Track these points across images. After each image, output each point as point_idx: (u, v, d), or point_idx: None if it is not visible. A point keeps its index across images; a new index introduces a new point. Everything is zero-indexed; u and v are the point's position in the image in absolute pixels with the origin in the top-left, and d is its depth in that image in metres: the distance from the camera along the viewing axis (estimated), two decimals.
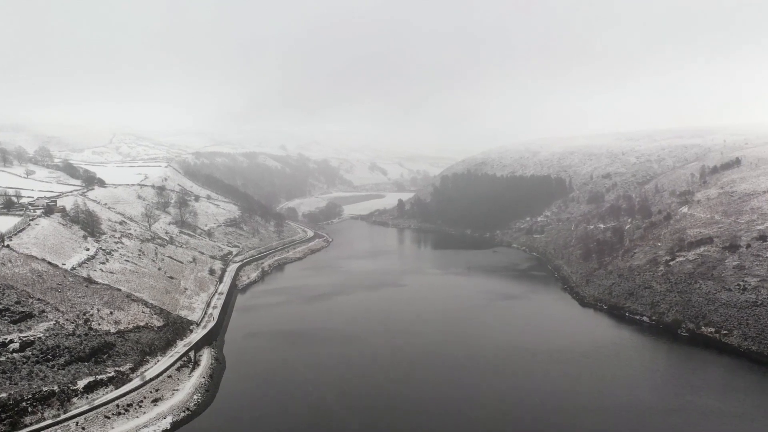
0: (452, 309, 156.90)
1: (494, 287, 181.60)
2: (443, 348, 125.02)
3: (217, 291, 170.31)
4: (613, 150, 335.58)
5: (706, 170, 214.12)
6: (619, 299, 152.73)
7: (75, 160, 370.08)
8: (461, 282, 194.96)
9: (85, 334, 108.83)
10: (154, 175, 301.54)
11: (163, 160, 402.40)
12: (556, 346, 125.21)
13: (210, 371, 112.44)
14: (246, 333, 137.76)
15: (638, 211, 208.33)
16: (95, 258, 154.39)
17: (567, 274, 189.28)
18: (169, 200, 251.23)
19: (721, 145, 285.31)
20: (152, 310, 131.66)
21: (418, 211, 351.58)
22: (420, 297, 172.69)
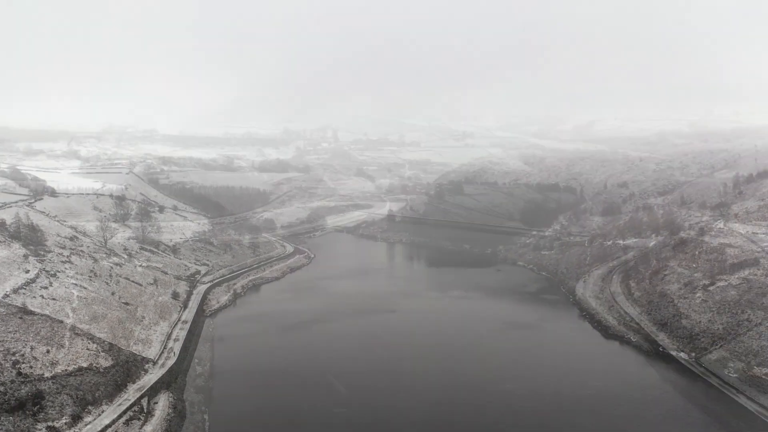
0: (455, 342, 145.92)
1: (501, 313, 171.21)
2: (447, 396, 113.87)
3: (181, 319, 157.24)
4: (629, 155, 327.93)
5: (740, 179, 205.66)
6: (650, 330, 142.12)
7: (25, 166, 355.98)
8: (463, 307, 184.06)
9: (11, 380, 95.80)
10: (114, 182, 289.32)
11: (125, 166, 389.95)
12: (583, 389, 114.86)
13: (166, 424, 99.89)
14: (213, 372, 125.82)
15: (663, 226, 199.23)
16: (35, 282, 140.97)
17: (584, 298, 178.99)
18: (130, 212, 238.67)
19: (753, 150, 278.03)
20: (100, 346, 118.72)
21: (410, 222, 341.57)
22: (416, 325, 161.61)
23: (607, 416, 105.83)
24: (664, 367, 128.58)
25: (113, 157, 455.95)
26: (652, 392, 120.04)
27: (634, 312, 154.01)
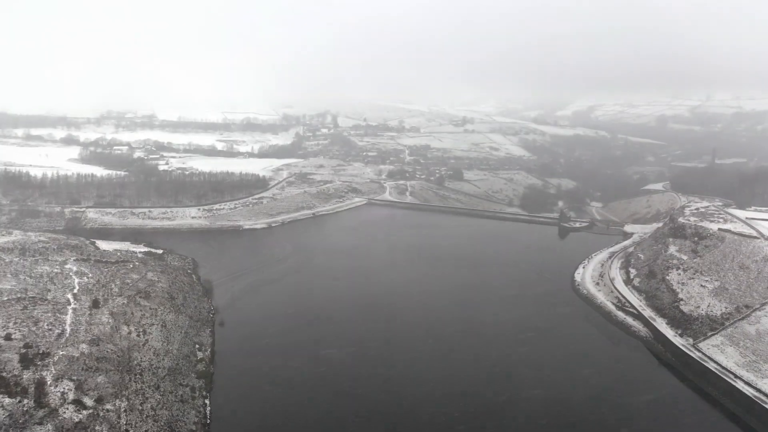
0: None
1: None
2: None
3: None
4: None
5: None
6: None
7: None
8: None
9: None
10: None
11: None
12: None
13: None
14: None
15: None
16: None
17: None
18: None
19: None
20: None
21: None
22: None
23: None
24: (661, 351, 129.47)
25: (112, 143, 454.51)
26: (647, 376, 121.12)
27: (633, 298, 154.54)
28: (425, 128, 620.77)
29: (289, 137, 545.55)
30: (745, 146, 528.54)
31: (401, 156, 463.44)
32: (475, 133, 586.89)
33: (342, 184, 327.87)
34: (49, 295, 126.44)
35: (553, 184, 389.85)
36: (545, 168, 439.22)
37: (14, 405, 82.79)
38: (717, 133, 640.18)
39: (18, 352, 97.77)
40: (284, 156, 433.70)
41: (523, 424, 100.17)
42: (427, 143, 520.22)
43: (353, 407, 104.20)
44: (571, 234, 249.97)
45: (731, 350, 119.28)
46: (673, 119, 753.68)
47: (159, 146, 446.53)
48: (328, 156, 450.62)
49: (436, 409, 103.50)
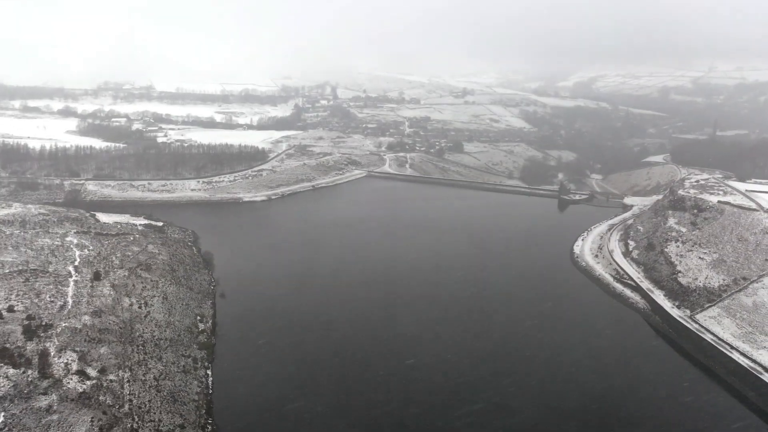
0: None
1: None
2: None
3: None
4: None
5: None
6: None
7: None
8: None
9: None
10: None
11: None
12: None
13: None
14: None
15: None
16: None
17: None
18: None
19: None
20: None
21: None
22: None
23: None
24: (658, 322, 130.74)
25: (110, 115, 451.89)
26: (644, 348, 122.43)
27: (631, 270, 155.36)
28: (425, 100, 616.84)
29: (288, 109, 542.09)
30: (746, 118, 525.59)
31: (401, 128, 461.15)
32: (476, 104, 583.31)
33: (341, 156, 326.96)
34: (51, 268, 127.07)
35: (553, 156, 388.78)
36: (545, 140, 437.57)
37: (19, 376, 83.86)
38: (719, 105, 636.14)
39: (21, 324, 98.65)
40: (283, 128, 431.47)
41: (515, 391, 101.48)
42: (427, 115, 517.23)
43: (355, 373, 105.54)
44: (570, 206, 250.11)
45: (728, 322, 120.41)
46: (675, 90, 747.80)
47: (157, 118, 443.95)
48: (327, 128, 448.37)
49: (435, 375, 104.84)
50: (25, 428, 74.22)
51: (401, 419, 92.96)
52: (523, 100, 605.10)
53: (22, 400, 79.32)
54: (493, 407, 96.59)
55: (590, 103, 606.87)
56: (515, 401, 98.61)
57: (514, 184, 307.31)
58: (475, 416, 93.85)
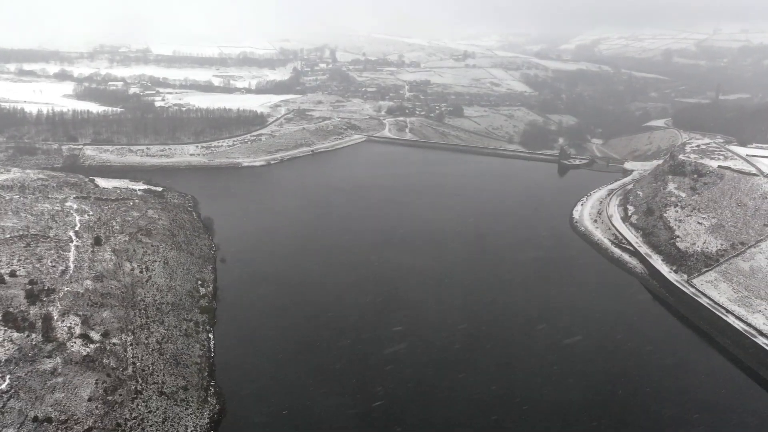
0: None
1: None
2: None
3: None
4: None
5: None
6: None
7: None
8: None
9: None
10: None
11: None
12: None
13: None
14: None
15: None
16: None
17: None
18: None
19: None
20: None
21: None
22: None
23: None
24: (655, 287, 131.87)
25: (107, 79, 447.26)
26: (641, 312, 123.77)
27: (630, 235, 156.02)
28: (425, 63, 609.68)
29: (287, 72, 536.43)
30: (750, 81, 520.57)
31: (401, 92, 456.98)
32: (476, 68, 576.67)
33: (341, 120, 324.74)
34: (51, 233, 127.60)
35: (554, 121, 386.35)
36: (546, 104, 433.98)
37: (23, 339, 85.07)
38: (722, 68, 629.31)
39: (23, 289, 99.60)
40: (282, 92, 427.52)
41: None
42: (428, 78, 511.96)
43: (355, 335, 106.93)
44: (570, 171, 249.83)
45: (724, 286, 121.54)
46: (678, 53, 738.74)
47: (154, 82, 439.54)
48: (326, 92, 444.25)
49: (435, 333, 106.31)
50: (31, 390, 75.63)
51: (401, 380, 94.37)
52: (524, 64, 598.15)
53: (27, 363, 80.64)
54: (496, 366, 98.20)
55: (592, 66, 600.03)
56: (518, 362, 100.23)
57: (514, 149, 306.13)
58: (479, 372, 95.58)
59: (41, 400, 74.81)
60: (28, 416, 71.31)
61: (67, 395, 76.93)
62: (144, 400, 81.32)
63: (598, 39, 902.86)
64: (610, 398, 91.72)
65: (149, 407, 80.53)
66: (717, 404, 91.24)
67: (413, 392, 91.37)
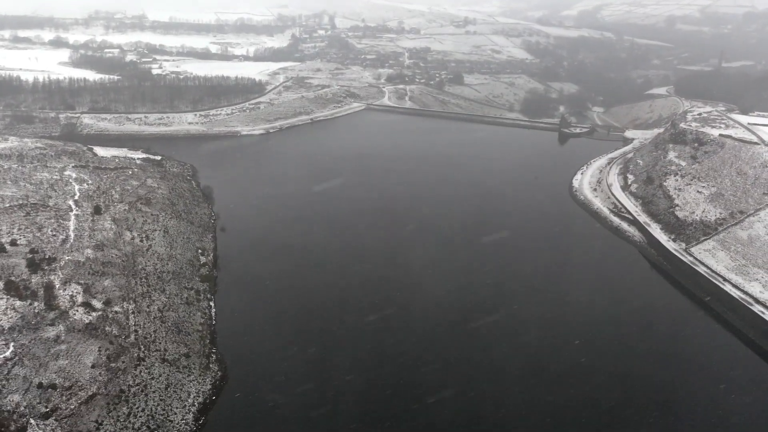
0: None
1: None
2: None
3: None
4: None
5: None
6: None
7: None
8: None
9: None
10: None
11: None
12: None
13: None
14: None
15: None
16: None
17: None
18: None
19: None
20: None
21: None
22: None
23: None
24: (653, 255, 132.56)
25: (103, 46, 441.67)
26: (638, 280, 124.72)
27: (629, 203, 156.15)
28: (425, 29, 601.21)
29: (285, 39, 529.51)
30: (754, 48, 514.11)
31: (400, 59, 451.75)
32: (477, 34, 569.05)
33: (340, 88, 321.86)
34: (51, 202, 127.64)
35: (554, 89, 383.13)
36: (547, 71, 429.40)
37: (25, 307, 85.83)
38: (726, 35, 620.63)
39: (24, 257, 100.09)
40: (280, 59, 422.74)
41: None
42: (428, 45, 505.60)
43: (356, 300, 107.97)
44: (571, 140, 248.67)
45: (722, 254, 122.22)
46: (681, 20, 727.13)
47: (151, 49, 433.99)
48: (325, 59, 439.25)
49: (436, 299, 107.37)
50: (35, 357, 76.62)
51: (403, 348, 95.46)
52: (525, 30, 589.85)
53: (31, 330, 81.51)
54: (499, 329, 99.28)
55: (594, 33, 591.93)
56: (522, 328, 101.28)
57: (514, 117, 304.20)
58: (484, 331, 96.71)
59: (45, 367, 75.83)
60: (33, 382, 72.37)
61: (70, 362, 77.98)
62: (147, 367, 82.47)
63: (600, 5, 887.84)
64: (605, 362, 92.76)
65: (152, 374, 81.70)
66: (712, 370, 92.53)
67: (417, 355, 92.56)
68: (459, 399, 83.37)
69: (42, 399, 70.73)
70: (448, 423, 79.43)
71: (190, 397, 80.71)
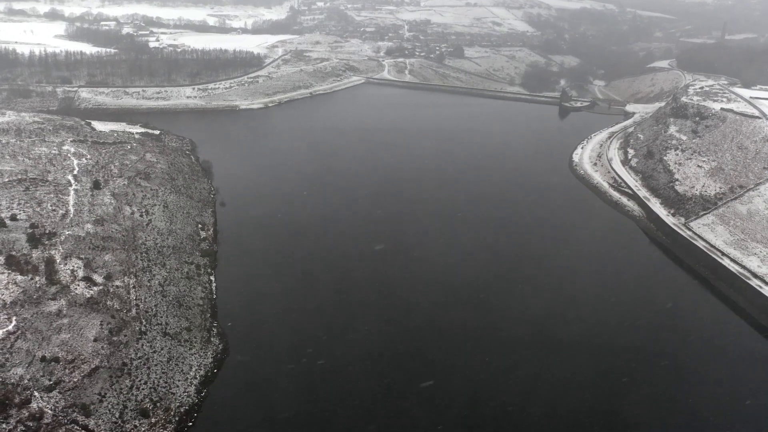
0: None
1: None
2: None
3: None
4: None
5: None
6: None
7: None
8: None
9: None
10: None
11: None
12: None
13: None
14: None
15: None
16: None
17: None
18: None
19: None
20: None
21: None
22: None
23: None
24: (652, 230, 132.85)
25: (99, 18, 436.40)
26: (637, 255, 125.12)
27: (629, 178, 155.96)
28: (426, 1, 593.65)
29: (284, 11, 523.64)
30: (758, 21, 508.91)
31: (400, 32, 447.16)
32: (478, 6, 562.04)
33: (339, 62, 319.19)
34: (50, 177, 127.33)
35: (556, 62, 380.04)
36: (549, 44, 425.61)
37: (27, 282, 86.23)
38: (730, 6, 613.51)
39: (25, 232, 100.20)
40: (279, 32, 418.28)
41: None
42: (428, 18, 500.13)
43: (355, 276, 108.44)
44: (571, 114, 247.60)
45: (721, 229, 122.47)
46: None
47: (148, 21, 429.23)
48: (324, 32, 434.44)
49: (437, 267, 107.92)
50: (38, 331, 77.24)
51: (410, 320, 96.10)
52: (527, 2, 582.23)
53: (32, 305, 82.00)
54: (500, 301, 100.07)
55: (596, 4, 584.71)
56: (519, 298, 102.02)
57: (515, 91, 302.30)
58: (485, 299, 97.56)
59: (48, 340, 76.49)
60: (36, 356, 73.07)
61: (73, 336, 78.64)
62: (148, 341, 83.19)
63: None
64: (600, 332, 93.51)
65: (154, 347, 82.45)
66: (711, 344, 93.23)
67: (427, 320, 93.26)
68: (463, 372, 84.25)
69: (45, 372, 71.48)
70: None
71: (192, 369, 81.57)
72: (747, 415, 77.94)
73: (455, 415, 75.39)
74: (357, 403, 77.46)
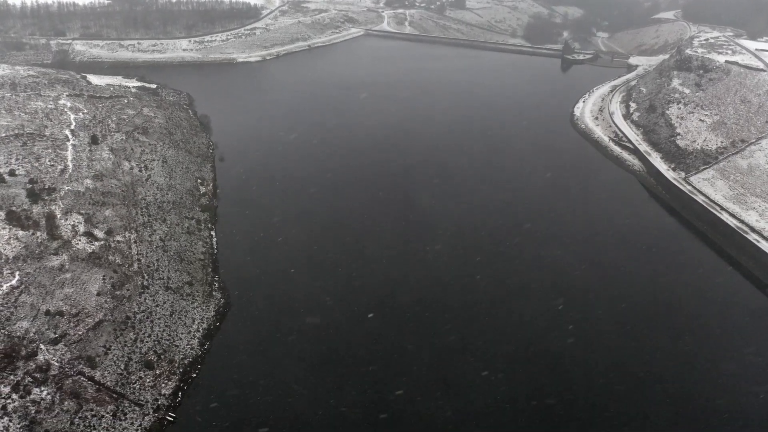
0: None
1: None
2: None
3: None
4: None
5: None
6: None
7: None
8: None
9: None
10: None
11: None
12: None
13: None
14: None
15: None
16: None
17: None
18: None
19: None
20: None
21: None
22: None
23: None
24: (652, 184, 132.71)
25: None
26: (636, 209, 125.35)
27: (630, 132, 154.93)
28: None
29: None
30: None
31: None
32: None
33: (338, 13, 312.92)
34: (47, 132, 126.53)
35: (559, 13, 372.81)
36: None
37: (28, 237, 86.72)
38: None
39: (24, 188, 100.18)
40: None
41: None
42: None
43: (355, 226, 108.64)
44: (574, 67, 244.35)
45: (721, 183, 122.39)
46: None
47: None
48: None
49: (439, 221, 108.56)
50: (41, 285, 78.11)
51: (414, 279, 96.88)
52: None
53: (35, 260, 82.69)
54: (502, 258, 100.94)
55: None
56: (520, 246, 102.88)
57: (517, 44, 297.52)
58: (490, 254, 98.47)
59: (51, 294, 77.43)
60: (40, 310, 74.10)
61: (76, 290, 79.57)
62: (151, 295, 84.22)
63: None
64: (596, 283, 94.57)
65: (156, 301, 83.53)
66: (708, 297, 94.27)
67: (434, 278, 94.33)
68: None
69: (50, 325, 72.60)
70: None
71: (195, 323, 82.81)
72: (745, 363, 79.25)
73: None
74: (361, 350, 78.73)
